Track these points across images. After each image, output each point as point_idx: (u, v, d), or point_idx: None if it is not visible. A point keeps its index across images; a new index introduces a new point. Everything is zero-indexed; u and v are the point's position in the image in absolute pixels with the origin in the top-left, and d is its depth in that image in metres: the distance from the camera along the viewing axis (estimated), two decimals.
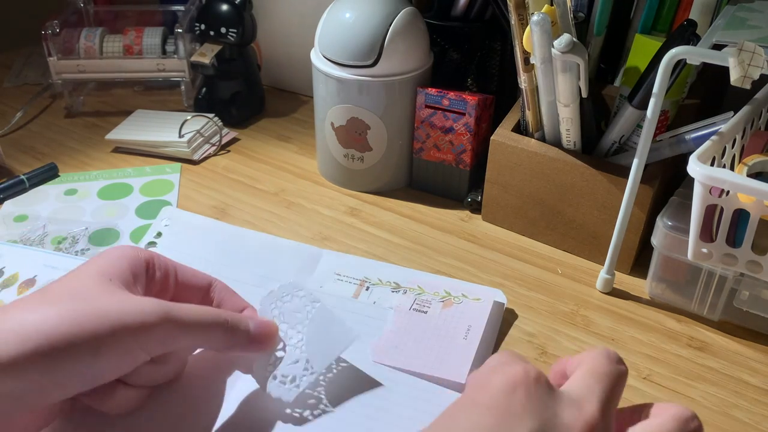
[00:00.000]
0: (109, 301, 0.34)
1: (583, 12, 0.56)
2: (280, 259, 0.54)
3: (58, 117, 0.77)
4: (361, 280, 0.52)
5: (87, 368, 0.33)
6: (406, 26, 0.58)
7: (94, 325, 0.32)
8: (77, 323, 0.32)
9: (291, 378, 0.40)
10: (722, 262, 0.45)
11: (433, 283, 0.52)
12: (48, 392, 0.32)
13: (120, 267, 0.37)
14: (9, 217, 0.60)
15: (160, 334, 0.35)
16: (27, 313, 0.32)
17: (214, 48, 0.73)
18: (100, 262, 0.37)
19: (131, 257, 0.38)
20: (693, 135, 0.49)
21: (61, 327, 0.32)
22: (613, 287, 0.54)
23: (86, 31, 0.76)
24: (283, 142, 0.74)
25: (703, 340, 0.50)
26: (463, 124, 0.59)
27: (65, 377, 0.32)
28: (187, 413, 0.39)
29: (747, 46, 0.39)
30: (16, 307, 0.33)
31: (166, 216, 0.59)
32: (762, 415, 0.44)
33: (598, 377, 0.31)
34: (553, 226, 0.58)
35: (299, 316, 0.42)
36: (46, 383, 0.32)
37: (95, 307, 0.33)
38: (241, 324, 0.39)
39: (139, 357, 0.35)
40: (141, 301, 0.35)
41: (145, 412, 0.38)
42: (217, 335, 0.37)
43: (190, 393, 0.40)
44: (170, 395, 0.40)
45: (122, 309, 0.34)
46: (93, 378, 0.34)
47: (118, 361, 0.34)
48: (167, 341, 0.35)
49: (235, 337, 0.38)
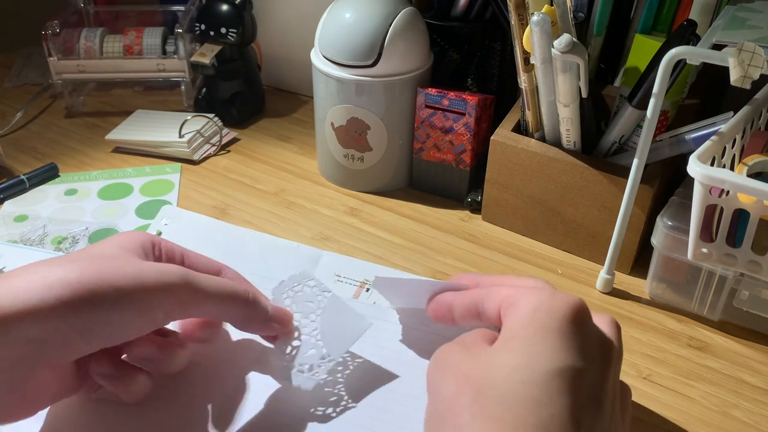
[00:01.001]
0: (130, 262, 0.36)
1: (583, 12, 0.56)
2: (279, 260, 0.54)
3: (58, 117, 0.77)
4: (361, 281, 0.52)
5: (108, 320, 0.34)
6: (406, 26, 0.58)
7: (115, 277, 0.34)
8: (99, 276, 0.34)
9: (309, 367, 0.40)
10: (722, 262, 0.45)
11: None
12: (70, 343, 0.33)
13: (133, 244, 0.38)
14: (9, 217, 0.60)
15: (179, 295, 0.36)
16: (51, 266, 0.34)
17: (214, 48, 0.72)
18: (115, 240, 0.39)
19: (140, 237, 0.40)
20: (693, 135, 0.49)
21: (83, 278, 0.33)
22: (613, 287, 0.54)
23: (86, 31, 0.76)
24: (283, 142, 0.74)
25: (703, 340, 0.50)
26: (463, 124, 0.59)
27: (87, 328, 0.33)
28: (197, 402, 0.40)
29: (747, 46, 0.39)
30: (41, 263, 0.35)
31: (165, 215, 0.59)
32: (762, 415, 0.44)
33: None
34: (553, 226, 0.58)
35: (311, 305, 0.43)
36: (68, 332, 0.33)
37: (117, 265, 0.35)
38: (261, 301, 0.40)
39: (158, 317, 0.36)
40: (161, 264, 0.37)
41: (157, 401, 0.40)
42: (237, 306, 0.39)
43: (202, 383, 0.41)
44: (181, 384, 0.41)
45: (143, 268, 0.35)
46: (113, 332, 0.34)
47: (138, 317, 0.35)
48: (186, 305, 0.36)
49: (255, 312, 0.39)
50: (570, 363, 0.31)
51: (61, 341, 0.33)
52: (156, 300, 0.35)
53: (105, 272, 0.34)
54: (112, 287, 0.33)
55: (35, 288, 0.32)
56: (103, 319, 0.33)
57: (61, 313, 0.32)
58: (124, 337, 0.35)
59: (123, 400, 0.38)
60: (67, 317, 0.32)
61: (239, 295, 0.39)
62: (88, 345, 0.34)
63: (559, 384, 0.30)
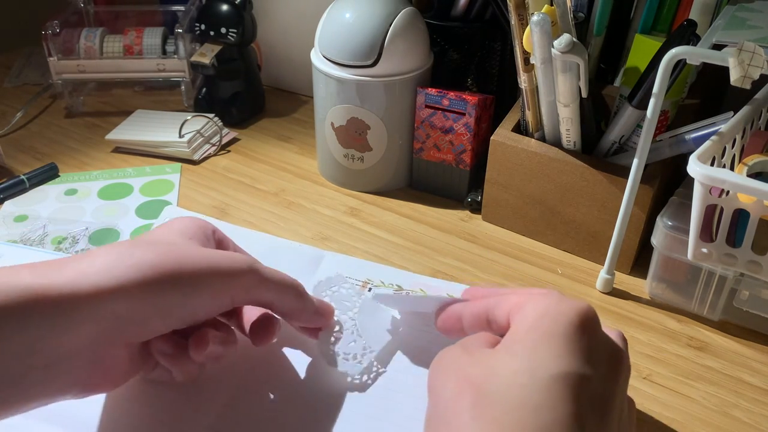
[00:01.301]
0: (202, 249, 0.38)
1: (583, 12, 0.56)
2: (282, 261, 0.54)
3: (58, 117, 0.77)
4: (363, 281, 0.52)
5: (185, 303, 0.35)
6: (406, 26, 0.58)
7: (194, 263, 0.35)
8: (179, 260, 0.35)
9: (353, 356, 0.43)
10: (722, 262, 0.45)
11: (436, 287, 0.51)
12: (149, 322, 0.35)
13: (195, 230, 0.40)
14: (9, 217, 0.60)
15: (246, 282, 0.37)
16: (132, 248, 0.35)
17: (214, 48, 0.73)
18: (176, 225, 0.40)
19: (201, 224, 0.41)
20: (693, 135, 0.49)
21: (167, 261, 0.35)
22: (613, 287, 0.54)
23: (86, 31, 0.76)
24: (283, 142, 0.74)
25: (703, 340, 0.50)
26: (463, 124, 0.59)
27: (166, 308, 0.35)
28: (247, 379, 0.42)
29: (747, 46, 0.39)
30: (114, 245, 0.36)
31: (168, 216, 0.59)
32: (762, 415, 0.44)
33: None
34: (553, 226, 0.58)
35: (348, 304, 0.46)
36: (149, 311, 0.34)
37: (193, 251, 0.37)
38: (308, 293, 0.42)
39: (225, 302, 0.37)
40: (231, 252, 0.39)
41: (208, 380, 0.41)
42: (292, 296, 0.40)
43: (248, 362, 0.43)
44: (229, 364, 0.42)
45: (215, 255, 0.37)
46: (187, 314, 0.36)
47: (210, 301, 0.36)
48: (251, 291, 0.38)
49: (306, 303, 0.41)
50: (574, 369, 0.30)
51: (142, 320, 0.34)
52: (227, 285, 0.37)
53: (184, 256, 0.36)
54: (190, 271, 0.35)
55: (123, 266, 0.33)
56: (180, 301, 0.35)
57: (146, 293, 0.34)
58: (196, 320, 0.37)
59: (176, 380, 0.39)
60: (150, 297, 0.34)
61: (294, 286, 0.40)
62: (164, 325, 0.35)
63: (562, 389, 0.29)
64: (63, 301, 0.32)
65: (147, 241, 0.37)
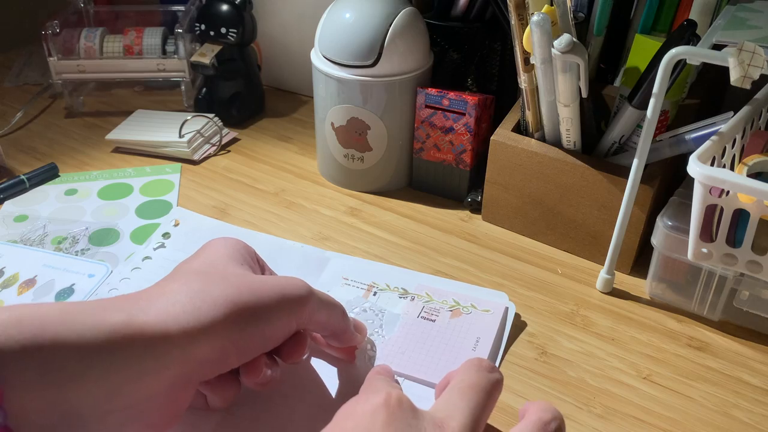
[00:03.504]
0: (266, 278, 0.37)
1: (583, 12, 0.56)
2: (287, 263, 0.54)
3: (59, 117, 0.77)
4: (368, 285, 0.52)
5: (260, 335, 0.35)
6: (406, 26, 0.58)
7: (268, 295, 0.35)
8: (255, 294, 0.35)
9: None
10: (722, 262, 0.45)
11: (441, 291, 0.51)
12: (228, 359, 0.34)
13: (243, 254, 0.40)
14: (9, 217, 0.60)
15: (309, 306, 0.37)
16: (208, 284, 0.34)
17: (214, 48, 0.73)
18: (223, 251, 0.39)
19: (245, 247, 0.41)
20: (693, 135, 0.49)
21: (243, 296, 0.34)
22: (613, 287, 0.54)
23: (86, 31, 0.76)
24: (283, 142, 0.74)
25: (703, 340, 0.50)
26: (463, 124, 0.59)
27: (245, 344, 0.34)
28: (277, 406, 0.42)
29: (747, 46, 0.39)
30: (189, 278, 0.35)
31: (175, 216, 0.60)
32: (762, 415, 0.44)
33: (464, 392, 0.33)
34: (553, 226, 0.58)
35: (372, 324, 0.48)
36: (230, 349, 0.33)
37: (261, 281, 0.36)
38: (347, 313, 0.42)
39: (291, 328, 0.37)
40: (292, 278, 0.38)
41: (243, 406, 0.41)
42: (339, 315, 0.40)
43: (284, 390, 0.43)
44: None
45: (280, 282, 0.37)
46: (261, 347, 0.35)
47: (281, 329, 0.36)
48: (312, 314, 0.38)
49: (348, 323, 0.41)
50: None
51: (223, 358, 0.33)
52: (295, 312, 0.36)
53: (257, 288, 0.35)
54: (265, 303, 0.35)
55: (206, 307, 0.33)
56: (257, 334, 0.34)
57: (229, 330, 0.33)
58: (265, 350, 0.36)
59: (213, 406, 0.39)
60: (232, 334, 0.33)
61: (339, 306, 0.40)
62: (239, 360, 0.35)
63: None
64: (153, 344, 0.31)
65: (218, 275, 0.36)
